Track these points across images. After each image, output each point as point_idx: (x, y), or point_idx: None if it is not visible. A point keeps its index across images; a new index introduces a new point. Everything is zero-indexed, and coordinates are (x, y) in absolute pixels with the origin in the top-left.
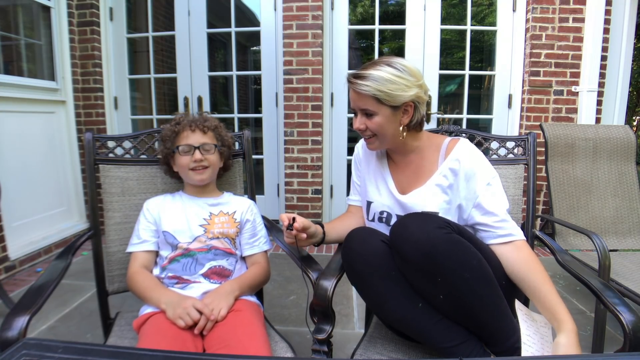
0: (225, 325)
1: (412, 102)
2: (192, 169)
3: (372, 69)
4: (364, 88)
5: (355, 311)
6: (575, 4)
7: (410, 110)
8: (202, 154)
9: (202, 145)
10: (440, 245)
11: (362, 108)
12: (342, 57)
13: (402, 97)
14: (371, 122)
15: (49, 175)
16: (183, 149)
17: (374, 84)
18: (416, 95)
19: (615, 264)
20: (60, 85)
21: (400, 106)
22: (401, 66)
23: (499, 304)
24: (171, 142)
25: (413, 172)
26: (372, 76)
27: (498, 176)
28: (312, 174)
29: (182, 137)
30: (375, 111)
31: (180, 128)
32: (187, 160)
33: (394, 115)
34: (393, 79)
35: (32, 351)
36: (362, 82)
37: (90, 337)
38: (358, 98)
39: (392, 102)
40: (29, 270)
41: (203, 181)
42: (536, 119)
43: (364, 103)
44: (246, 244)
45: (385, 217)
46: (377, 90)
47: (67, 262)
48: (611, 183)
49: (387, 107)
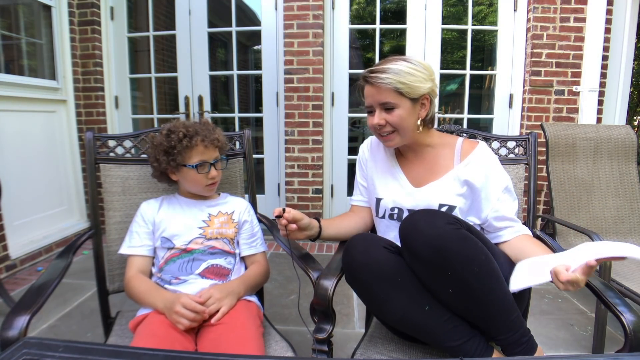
0: (220, 327)
1: (428, 95)
2: (207, 185)
3: (389, 64)
4: (385, 81)
5: (355, 311)
6: (576, 4)
7: (427, 104)
8: (216, 170)
9: (215, 161)
10: (450, 241)
11: (382, 102)
12: (343, 57)
13: (420, 89)
14: (392, 116)
15: (49, 174)
16: (201, 167)
17: (395, 77)
18: (431, 88)
19: (616, 264)
20: (61, 85)
21: (418, 99)
22: (415, 60)
23: (506, 298)
24: (182, 156)
25: (428, 167)
26: (391, 69)
27: (511, 180)
28: (313, 173)
29: (196, 153)
30: (397, 104)
31: (194, 143)
32: (202, 178)
33: (413, 109)
34: (411, 71)
35: (33, 350)
36: (383, 75)
37: (90, 336)
38: (377, 92)
39: (412, 93)
40: (30, 269)
41: (212, 194)
42: (537, 118)
43: (384, 97)
44: (245, 244)
45: (396, 213)
46: (398, 82)
47: (67, 261)
48: (612, 183)
49: (407, 99)
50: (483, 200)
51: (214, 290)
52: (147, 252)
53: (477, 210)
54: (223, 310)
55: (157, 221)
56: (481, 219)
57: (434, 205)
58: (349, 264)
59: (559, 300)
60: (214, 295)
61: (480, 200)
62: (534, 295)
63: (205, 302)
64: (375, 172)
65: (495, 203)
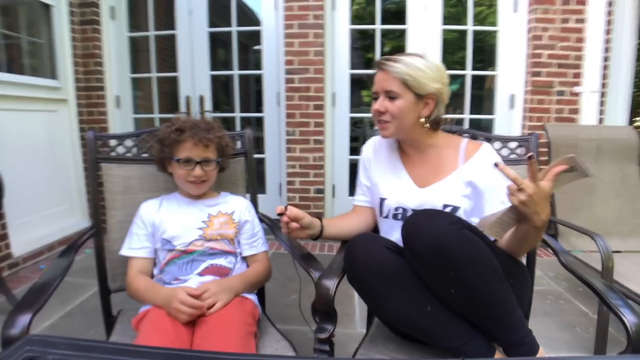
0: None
1: (434, 95)
2: (190, 182)
3: (405, 56)
4: (395, 69)
5: (356, 310)
6: (576, 5)
7: (431, 104)
8: (203, 169)
9: (203, 160)
10: (452, 241)
11: (387, 89)
12: (343, 57)
13: (427, 87)
14: (393, 105)
15: (51, 174)
16: (184, 162)
17: (405, 68)
18: (439, 90)
19: (618, 265)
20: (62, 84)
21: (423, 96)
22: (431, 60)
23: (509, 298)
24: (170, 148)
25: (432, 167)
26: (404, 61)
27: None
28: (314, 173)
29: (183, 148)
30: (400, 94)
31: (183, 138)
32: (185, 173)
33: (416, 104)
34: (423, 67)
35: (36, 347)
36: (394, 64)
37: (92, 335)
38: (385, 79)
39: (418, 89)
40: (32, 268)
41: (199, 193)
42: (538, 119)
43: (390, 84)
44: (246, 244)
45: (400, 213)
46: (407, 73)
47: (69, 260)
48: (614, 184)
49: (411, 93)
50: (486, 201)
51: (212, 284)
52: (147, 254)
53: (480, 212)
54: (218, 305)
55: (157, 223)
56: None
57: (438, 206)
58: (350, 263)
59: (561, 301)
60: (210, 290)
61: (484, 201)
62: (535, 297)
63: (202, 296)
64: (379, 172)
65: (498, 205)
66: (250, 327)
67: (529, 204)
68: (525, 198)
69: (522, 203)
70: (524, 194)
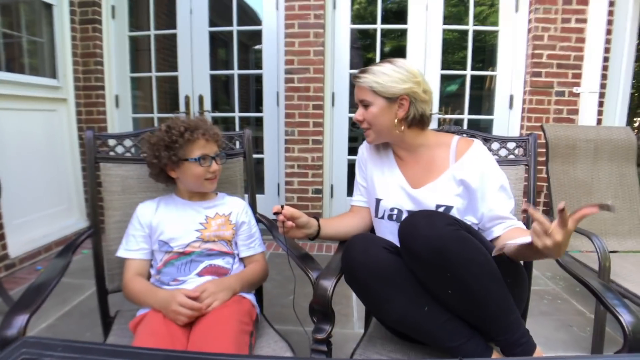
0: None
1: (407, 95)
2: (207, 179)
3: (374, 65)
4: (363, 79)
5: (354, 311)
6: (578, 5)
7: (405, 104)
8: (218, 163)
9: (217, 155)
10: (449, 242)
11: (360, 99)
12: (343, 57)
13: (394, 89)
14: (367, 112)
15: (49, 173)
16: (204, 160)
17: (372, 76)
18: (411, 89)
19: (615, 265)
20: (61, 83)
21: (395, 99)
22: (400, 63)
23: (506, 299)
24: (183, 150)
25: (424, 168)
26: (371, 70)
27: (507, 178)
28: (313, 173)
29: (197, 146)
30: (371, 101)
31: (195, 137)
32: (204, 171)
33: (389, 107)
34: (389, 72)
35: (32, 349)
36: (362, 75)
37: (89, 336)
38: (358, 91)
39: (386, 93)
40: (29, 268)
41: (213, 189)
42: (537, 119)
43: (362, 94)
44: (243, 245)
45: (395, 214)
46: (373, 81)
47: (67, 261)
48: (612, 184)
49: (381, 98)
50: (479, 199)
51: (209, 284)
52: (144, 256)
53: (473, 210)
54: (215, 304)
55: (154, 224)
56: (478, 218)
57: (431, 206)
58: (348, 263)
59: (558, 301)
60: (208, 289)
61: (476, 199)
62: (533, 297)
63: (200, 296)
64: (375, 172)
65: (491, 202)
66: (246, 326)
67: (553, 249)
68: (551, 244)
69: (547, 247)
70: (550, 240)
